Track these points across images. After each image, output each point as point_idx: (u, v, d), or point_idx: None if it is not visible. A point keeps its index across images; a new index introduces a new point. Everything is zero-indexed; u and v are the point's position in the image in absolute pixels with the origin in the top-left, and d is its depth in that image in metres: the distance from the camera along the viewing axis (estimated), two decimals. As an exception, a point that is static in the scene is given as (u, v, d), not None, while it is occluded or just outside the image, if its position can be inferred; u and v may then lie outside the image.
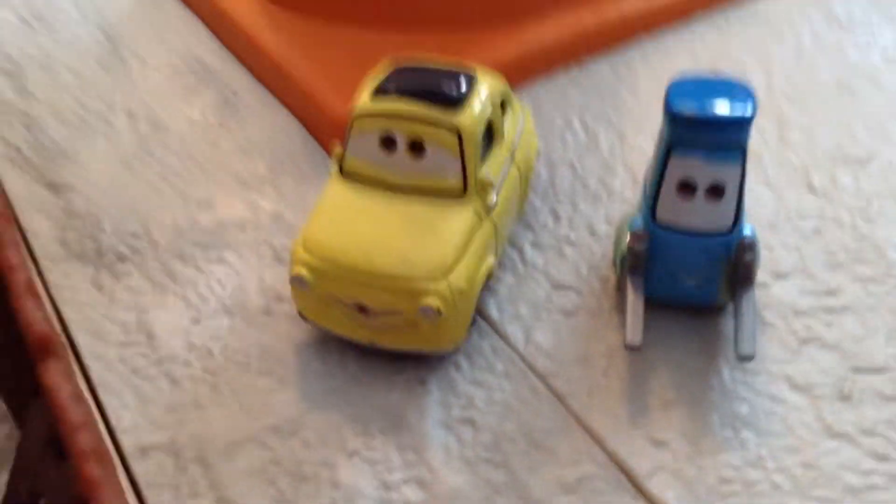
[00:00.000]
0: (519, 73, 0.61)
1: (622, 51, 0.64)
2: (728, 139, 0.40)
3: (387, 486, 0.39)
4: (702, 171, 0.41)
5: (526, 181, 0.49)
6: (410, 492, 0.39)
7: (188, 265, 0.49)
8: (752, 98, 0.41)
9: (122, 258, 0.50)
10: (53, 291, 0.48)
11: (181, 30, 0.69)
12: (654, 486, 0.38)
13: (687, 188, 0.42)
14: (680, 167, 0.41)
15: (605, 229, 0.50)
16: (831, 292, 0.46)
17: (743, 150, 0.41)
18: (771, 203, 0.51)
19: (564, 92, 0.61)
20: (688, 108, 0.40)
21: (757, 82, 0.61)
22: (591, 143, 0.56)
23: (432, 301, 0.40)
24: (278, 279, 0.48)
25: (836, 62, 0.63)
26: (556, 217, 0.51)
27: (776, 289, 0.46)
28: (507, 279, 0.48)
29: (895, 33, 0.66)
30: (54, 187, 0.55)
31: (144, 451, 0.41)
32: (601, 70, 0.63)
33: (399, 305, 0.41)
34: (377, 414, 0.42)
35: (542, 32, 0.62)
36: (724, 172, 0.41)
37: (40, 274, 0.49)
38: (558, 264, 0.48)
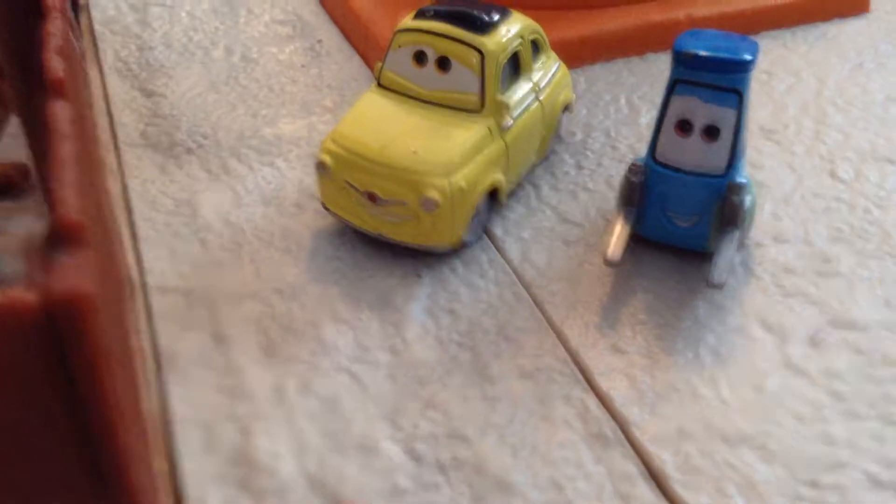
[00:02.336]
0: (582, 54, 0.65)
1: (686, 51, 0.67)
2: (725, 81, 0.43)
3: (362, 348, 0.43)
4: (699, 110, 0.44)
5: (550, 124, 0.53)
6: (382, 356, 0.42)
7: (242, 163, 0.55)
8: (754, 50, 0.43)
9: (188, 151, 0.56)
10: (125, 168, 0.55)
11: (289, -7, 0.77)
12: (605, 383, 0.40)
13: (684, 127, 0.44)
14: (679, 105, 0.44)
15: (623, 184, 0.53)
16: (827, 260, 0.47)
17: (740, 94, 0.43)
18: (790, 183, 0.53)
19: (619, 75, 0.64)
20: (691, 47, 0.43)
21: (808, 88, 0.63)
22: (632, 117, 0.59)
23: (432, 193, 0.44)
24: (315, 184, 0.53)
25: (893, 82, 0.64)
26: (580, 168, 0.55)
27: (772, 249, 0.48)
28: (519, 209, 0.51)
29: (966, 65, 0.66)
30: (148, 93, 0.62)
31: (164, 291, 0.46)
32: (660, 63, 0.66)
33: (404, 195, 0.45)
34: (370, 294, 0.46)
35: (609, 21, 0.66)
36: (721, 114, 0.43)
37: (118, 154, 0.56)
38: (570, 204, 0.52)
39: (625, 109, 0.60)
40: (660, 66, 0.65)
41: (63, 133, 0.27)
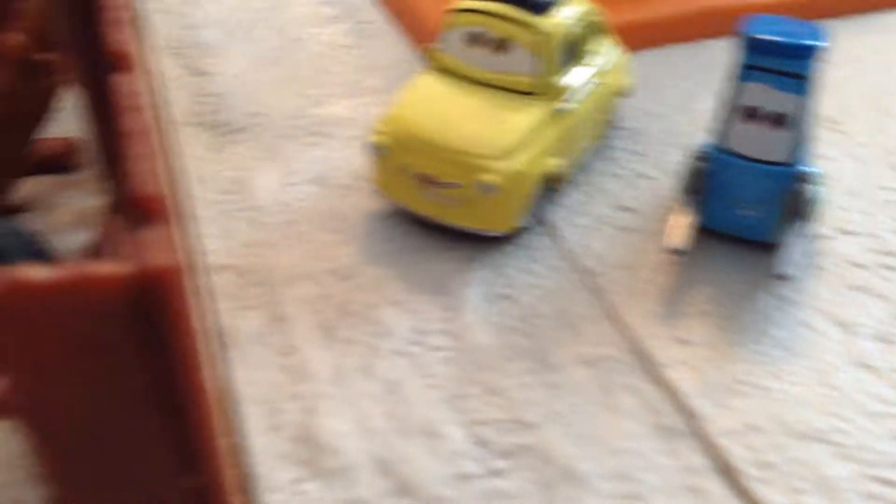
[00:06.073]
0: (637, 39, 0.64)
1: (740, 39, 0.66)
2: (794, 67, 0.42)
3: (420, 332, 0.42)
4: (767, 98, 0.43)
5: (607, 109, 0.51)
6: (440, 340, 0.41)
7: (291, 143, 0.55)
8: (823, 36, 0.42)
9: (239, 130, 0.56)
10: (176, 146, 0.54)
11: (335, -26, 0.76)
12: (670, 374, 0.40)
13: (751, 114, 0.43)
14: (747, 93, 0.43)
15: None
16: (893, 254, 0.46)
17: (808, 81, 0.42)
18: (854, 174, 0.52)
19: (674, 61, 0.63)
20: (761, 32, 0.42)
21: (872, 78, 0.61)
22: (688, 104, 0.58)
23: (490, 177, 0.43)
24: (366, 165, 0.52)
25: (958, 74, 0.62)
26: (638, 155, 0.53)
27: (839, 242, 0.47)
28: (575, 196, 0.50)
29: None
30: (198, 72, 0.62)
31: (220, 270, 0.45)
32: (715, 50, 0.65)
33: (461, 178, 0.44)
34: (426, 278, 0.45)
35: (666, 6, 0.65)
36: (789, 101, 0.42)
37: (169, 131, 0.56)
38: (628, 192, 0.51)
39: (681, 96, 0.59)
40: (715, 54, 0.64)
41: (132, 106, 0.27)
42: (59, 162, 0.51)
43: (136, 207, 0.21)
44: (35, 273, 0.17)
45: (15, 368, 0.19)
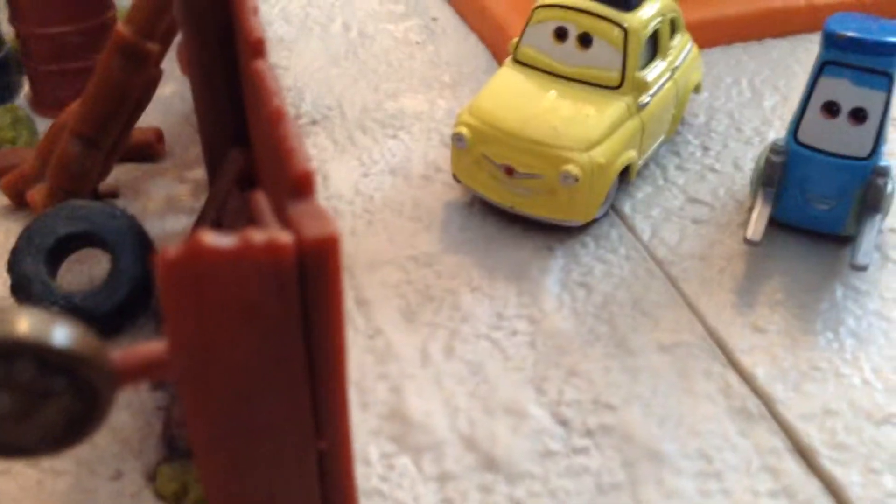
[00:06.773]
0: (701, 37, 0.64)
1: (805, 36, 0.67)
2: (877, 63, 0.42)
3: (500, 317, 0.43)
4: (848, 93, 0.43)
5: (681, 104, 0.53)
6: (520, 324, 0.43)
7: (367, 135, 0.56)
8: (906, 32, 0.43)
9: (314, 122, 0.58)
10: (255, 136, 0.57)
11: (401, -28, 0.77)
12: (746, 360, 0.41)
13: (831, 109, 0.44)
14: (827, 87, 0.44)
15: (750, 166, 0.53)
16: (967, 248, 0.47)
17: (890, 77, 0.43)
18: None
19: (739, 59, 0.64)
20: (843, 28, 0.43)
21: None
22: (755, 100, 0.59)
23: (572, 168, 0.45)
24: (441, 157, 0.54)
25: None
26: (705, 150, 0.54)
27: (910, 236, 0.47)
28: (646, 188, 0.51)
29: None
30: (272, 66, 0.64)
31: (303, 254, 0.47)
32: (779, 48, 0.65)
33: (542, 170, 0.46)
34: (504, 265, 0.46)
35: (730, 6, 0.66)
36: (870, 97, 0.43)
37: (248, 122, 0.58)
38: (697, 185, 0.52)
39: (747, 93, 0.60)
40: (779, 52, 0.65)
41: (273, 90, 0.28)
42: (147, 150, 0.53)
43: (293, 182, 0.22)
44: (216, 239, 0.19)
45: (184, 330, 0.20)
